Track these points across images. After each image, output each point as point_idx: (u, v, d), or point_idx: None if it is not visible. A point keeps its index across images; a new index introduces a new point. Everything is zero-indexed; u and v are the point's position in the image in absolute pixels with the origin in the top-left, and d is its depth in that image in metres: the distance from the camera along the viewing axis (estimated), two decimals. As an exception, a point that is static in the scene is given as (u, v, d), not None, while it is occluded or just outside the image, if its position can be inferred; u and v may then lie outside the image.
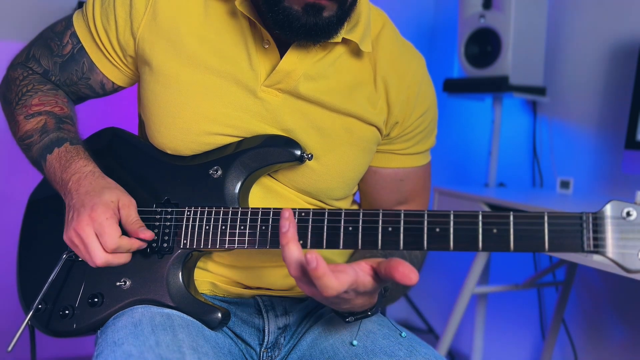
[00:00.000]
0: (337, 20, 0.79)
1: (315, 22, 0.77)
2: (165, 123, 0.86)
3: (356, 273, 0.66)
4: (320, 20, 0.77)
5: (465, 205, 1.64)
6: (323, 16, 0.77)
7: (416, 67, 0.93)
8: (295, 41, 0.82)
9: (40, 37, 0.97)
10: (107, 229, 0.77)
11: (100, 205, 0.79)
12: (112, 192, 0.82)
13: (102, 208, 0.78)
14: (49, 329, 0.86)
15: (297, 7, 0.76)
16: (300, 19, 0.77)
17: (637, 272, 0.61)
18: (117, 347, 0.71)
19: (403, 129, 0.93)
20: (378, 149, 0.95)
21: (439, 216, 0.68)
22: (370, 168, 0.96)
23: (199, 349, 0.73)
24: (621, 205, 0.61)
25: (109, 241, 0.77)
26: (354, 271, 0.66)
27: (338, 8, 0.78)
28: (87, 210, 0.78)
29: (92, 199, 0.80)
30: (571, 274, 1.79)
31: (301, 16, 0.77)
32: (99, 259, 0.78)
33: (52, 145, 0.88)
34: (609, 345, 1.76)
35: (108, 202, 0.80)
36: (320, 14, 0.77)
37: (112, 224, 0.78)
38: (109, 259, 0.78)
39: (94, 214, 0.78)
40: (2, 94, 0.98)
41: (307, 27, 0.77)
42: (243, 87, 0.85)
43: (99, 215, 0.77)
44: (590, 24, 1.83)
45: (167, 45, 0.86)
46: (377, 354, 0.79)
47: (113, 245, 0.77)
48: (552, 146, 1.95)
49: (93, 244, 0.77)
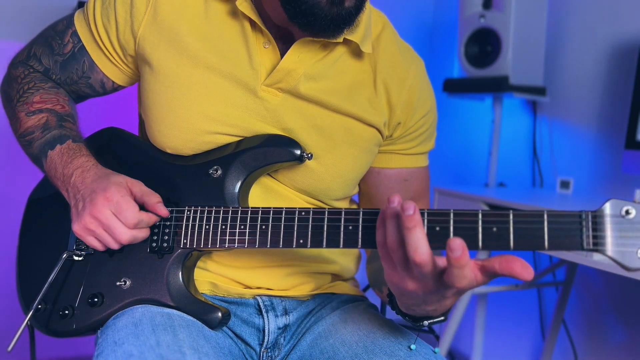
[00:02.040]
0: (355, 11, 0.79)
1: (338, 13, 0.77)
2: (166, 122, 0.86)
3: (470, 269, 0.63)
4: (343, 10, 0.77)
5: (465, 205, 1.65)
6: (345, 6, 0.77)
7: (416, 69, 0.94)
8: (315, 33, 0.81)
9: (42, 35, 0.97)
10: (124, 205, 0.78)
11: (112, 186, 0.79)
12: (119, 175, 0.83)
13: (114, 187, 0.79)
14: (48, 329, 0.86)
15: None
16: (324, 9, 0.76)
17: (636, 270, 0.61)
18: (118, 346, 0.71)
19: (406, 129, 0.93)
20: (381, 150, 0.95)
21: (439, 215, 0.68)
22: (373, 169, 0.97)
23: (200, 349, 0.73)
24: (620, 203, 0.61)
25: (129, 216, 0.78)
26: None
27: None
28: (99, 193, 0.78)
29: (100, 183, 0.80)
30: (571, 274, 1.79)
31: (324, 6, 0.76)
32: (124, 235, 0.78)
33: (54, 142, 0.88)
34: (609, 345, 1.76)
35: (118, 183, 0.80)
36: (343, 4, 0.77)
37: (128, 200, 0.79)
38: (134, 234, 0.79)
39: (108, 194, 0.78)
40: (3, 91, 0.98)
41: (330, 18, 0.77)
42: (243, 86, 0.85)
43: (113, 194, 0.78)
44: (590, 24, 1.83)
45: (167, 44, 0.86)
46: (377, 354, 0.79)
47: (135, 220, 0.78)
48: (552, 146, 1.95)
49: (114, 222, 0.77)
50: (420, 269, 0.61)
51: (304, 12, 0.77)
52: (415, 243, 0.59)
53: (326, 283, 0.97)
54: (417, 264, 0.60)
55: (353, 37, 0.85)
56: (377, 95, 0.90)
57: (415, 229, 0.59)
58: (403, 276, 0.64)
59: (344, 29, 0.81)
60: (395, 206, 0.63)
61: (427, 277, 0.62)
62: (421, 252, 0.59)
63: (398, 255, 0.63)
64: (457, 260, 0.57)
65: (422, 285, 0.64)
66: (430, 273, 0.61)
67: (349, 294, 0.98)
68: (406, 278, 0.64)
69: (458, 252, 0.57)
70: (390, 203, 0.64)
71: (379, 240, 0.66)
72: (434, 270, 0.61)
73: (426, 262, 0.60)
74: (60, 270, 0.84)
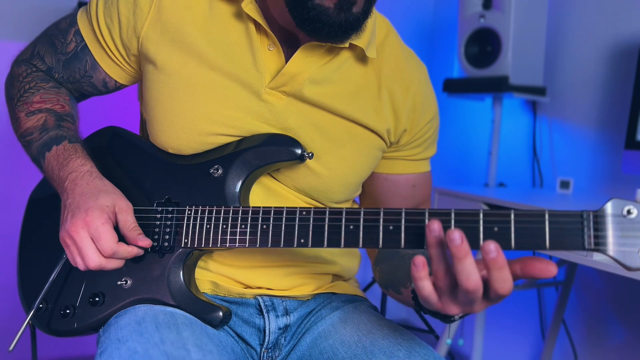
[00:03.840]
0: (362, 17, 0.79)
1: (346, 19, 0.77)
2: (168, 122, 0.86)
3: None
4: (351, 17, 0.77)
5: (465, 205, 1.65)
6: (353, 12, 0.77)
7: (420, 75, 0.94)
8: (322, 39, 0.81)
9: (46, 34, 0.97)
10: (104, 234, 0.76)
11: (95, 209, 0.77)
12: (108, 195, 0.81)
13: (96, 212, 0.77)
14: (49, 329, 0.86)
15: (328, 4, 0.76)
16: (332, 16, 0.76)
17: (637, 270, 0.61)
18: (122, 344, 0.71)
19: (412, 136, 0.94)
20: (388, 156, 0.95)
21: (440, 215, 0.68)
22: (380, 175, 0.97)
23: (204, 347, 0.73)
24: (622, 203, 0.62)
25: (106, 246, 0.76)
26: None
27: (364, 3, 0.78)
28: (81, 213, 0.77)
29: (87, 201, 0.79)
30: (571, 274, 1.80)
31: (332, 12, 0.76)
32: (93, 262, 0.76)
33: (50, 143, 0.88)
34: (609, 345, 1.76)
35: (103, 207, 0.78)
36: (350, 10, 0.77)
37: (108, 229, 0.77)
38: (102, 263, 0.77)
39: (88, 218, 0.76)
40: (6, 90, 0.98)
41: (338, 24, 0.77)
42: (247, 88, 0.85)
43: (93, 220, 0.76)
44: (590, 24, 1.83)
45: (171, 44, 0.86)
46: (377, 355, 0.79)
47: (110, 251, 0.77)
48: (552, 146, 1.95)
49: (87, 247, 0.76)
50: (471, 295, 0.61)
51: (311, 19, 0.76)
52: (467, 272, 0.60)
53: (327, 283, 0.97)
54: (470, 291, 0.60)
55: (358, 42, 0.85)
56: (381, 101, 0.90)
57: (466, 259, 0.60)
58: (447, 301, 0.64)
59: (352, 35, 0.81)
60: (436, 235, 0.62)
61: (476, 301, 0.63)
62: (474, 280, 0.60)
63: (445, 283, 0.63)
64: (493, 261, 0.58)
65: (466, 308, 0.64)
66: (480, 297, 0.62)
67: (349, 294, 0.98)
68: (450, 303, 0.64)
69: (493, 254, 0.58)
70: (432, 232, 0.63)
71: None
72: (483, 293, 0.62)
73: (478, 288, 0.60)
74: (61, 269, 0.84)
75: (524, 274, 0.61)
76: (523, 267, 0.61)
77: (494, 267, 0.58)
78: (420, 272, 0.62)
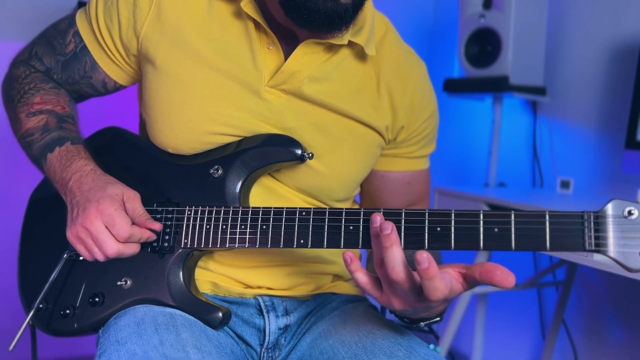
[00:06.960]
0: (352, 9, 0.78)
1: (332, 8, 0.76)
2: (168, 122, 0.86)
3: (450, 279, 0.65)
4: (338, 7, 0.77)
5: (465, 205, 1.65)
6: (340, 2, 0.77)
7: (419, 72, 0.94)
8: (309, 30, 0.81)
9: (44, 35, 0.97)
10: (117, 219, 0.78)
11: (106, 199, 0.79)
12: (116, 186, 0.82)
13: (108, 201, 0.79)
14: (49, 329, 0.86)
15: None
16: (317, 3, 0.76)
17: (638, 271, 0.61)
18: (121, 345, 0.71)
19: (409, 133, 0.94)
20: (385, 153, 0.95)
21: (440, 215, 0.68)
22: (377, 172, 0.97)
23: (203, 348, 0.73)
24: (623, 204, 0.61)
25: (121, 230, 0.78)
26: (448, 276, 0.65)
27: None
28: (93, 204, 0.78)
29: (96, 193, 0.80)
30: (571, 274, 1.80)
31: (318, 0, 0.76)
32: (111, 248, 0.77)
33: (53, 144, 0.88)
34: (609, 345, 1.76)
35: (113, 195, 0.80)
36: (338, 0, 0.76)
37: (121, 214, 0.79)
38: (121, 249, 0.78)
39: (101, 207, 0.78)
40: (4, 91, 0.98)
41: (324, 12, 0.76)
42: (247, 87, 0.85)
43: (106, 207, 0.78)
44: (590, 24, 1.83)
45: (171, 44, 0.86)
46: (377, 354, 0.79)
47: (126, 234, 0.78)
48: (552, 146, 1.95)
49: (104, 235, 0.77)
50: (399, 287, 0.64)
51: (297, 6, 0.76)
52: (392, 261, 0.63)
53: (327, 283, 0.97)
54: (395, 281, 0.63)
55: (357, 39, 0.85)
56: (380, 98, 0.90)
57: (392, 248, 0.63)
58: (389, 294, 0.67)
59: (341, 26, 0.80)
60: (376, 227, 0.66)
61: (408, 294, 0.65)
62: (398, 270, 0.63)
63: (382, 274, 0.66)
64: (425, 272, 0.60)
65: (406, 301, 0.67)
66: (409, 290, 0.64)
67: (349, 294, 0.98)
68: (392, 297, 0.67)
69: (425, 264, 0.60)
70: (373, 224, 0.67)
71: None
72: (413, 287, 0.64)
73: (403, 279, 0.63)
74: (61, 269, 0.84)
75: (482, 279, 0.63)
76: (482, 273, 0.63)
77: (425, 277, 0.61)
78: (350, 266, 0.67)
